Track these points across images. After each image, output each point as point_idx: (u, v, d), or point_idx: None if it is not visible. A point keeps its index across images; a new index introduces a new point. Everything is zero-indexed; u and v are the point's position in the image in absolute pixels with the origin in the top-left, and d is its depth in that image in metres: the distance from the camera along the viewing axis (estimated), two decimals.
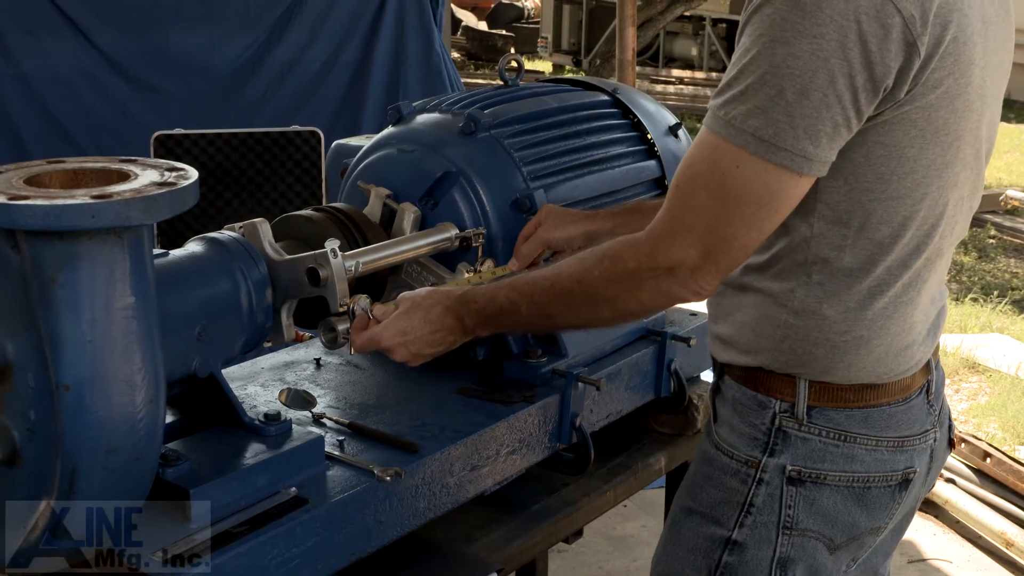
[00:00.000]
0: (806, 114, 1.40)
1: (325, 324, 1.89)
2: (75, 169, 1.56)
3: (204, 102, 5.34)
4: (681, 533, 1.75)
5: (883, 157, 1.49)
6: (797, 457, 1.63)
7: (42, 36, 5.06)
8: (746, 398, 1.68)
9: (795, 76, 1.38)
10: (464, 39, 16.19)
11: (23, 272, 1.42)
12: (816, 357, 1.62)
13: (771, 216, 1.48)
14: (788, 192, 1.46)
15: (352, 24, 5.73)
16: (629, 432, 2.47)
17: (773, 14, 1.41)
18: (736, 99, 1.43)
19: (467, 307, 1.81)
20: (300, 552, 1.66)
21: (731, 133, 1.43)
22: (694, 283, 1.52)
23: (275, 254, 1.87)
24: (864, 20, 1.38)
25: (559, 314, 1.72)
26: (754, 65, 1.41)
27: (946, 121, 1.49)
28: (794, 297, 1.60)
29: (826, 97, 1.39)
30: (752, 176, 1.43)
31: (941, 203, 1.56)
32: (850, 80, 1.39)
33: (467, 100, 2.30)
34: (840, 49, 1.38)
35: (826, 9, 1.37)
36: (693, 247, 1.49)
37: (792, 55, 1.38)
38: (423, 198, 2.11)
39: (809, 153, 1.42)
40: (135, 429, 1.49)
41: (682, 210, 1.50)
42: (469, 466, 1.97)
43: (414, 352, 1.86)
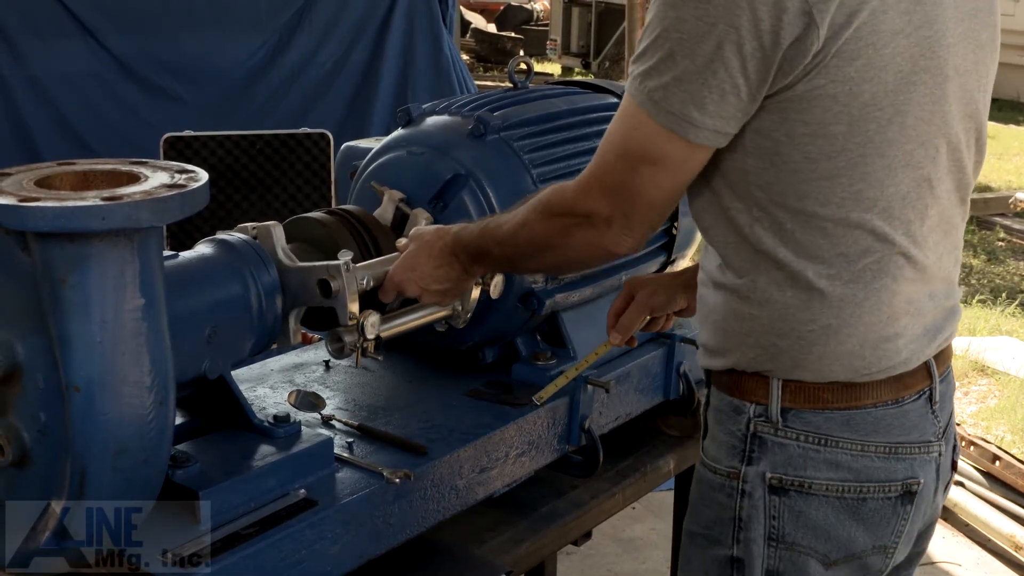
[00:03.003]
0: (692, 79, 1.42)
1: (332, 335, 1.89)
2: (85, 171, 1.57)
3: (214, 104, 5.35)
4: (691, 561, 1.71)
5: (807, 136, 1.46)
6: (776, 464, 1.57)
7: (52, 38, 5.07)
8: (724, 405, 1.64)
9: (683, 40, 1.41)
10: (473, 41, 16.19)
11: (33, 274, 1.42)
12: (783, 350, 1.56)
13: (669, 177, 1.51)
14: (680, 157, 1.48)
15: (361, 26, 5.74)
16: (638, 434, 2.46)
17: None
18: (638, 60, 1.48)
19: (460, 244, 1.86)
20: (309, 554, 1.67)
21: (634, 91, 1.48)
22: (612, 235, 1.57)
23: (287, 260, 1.87)
24: None
25: (517, 257, 1.78)
26: (650, 27, 1.45)
27: (875, 95, 1.44)
28: (754, 288, 1.56)
29: (712, 63, 1.40)
30: (647, 137, 1.48)
31: (891, 183, 1.50)
32: (738, 47, 1.39)
33: (476, 102, 2.30)
34: (727, 15, 1.38)
35: None
36: (604, 199, 1.56)
37: (680, 19, 1.41)
38: (433, 200, 2.11)
39: (695, 120, 1.44)
40: (145, 430, 1.49)
41: (597, 164, 1.57)
42: (478, 468, 1.97)
43: (422, 287, 1.89)
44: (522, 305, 2.16)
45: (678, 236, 2.49)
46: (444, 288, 1.90)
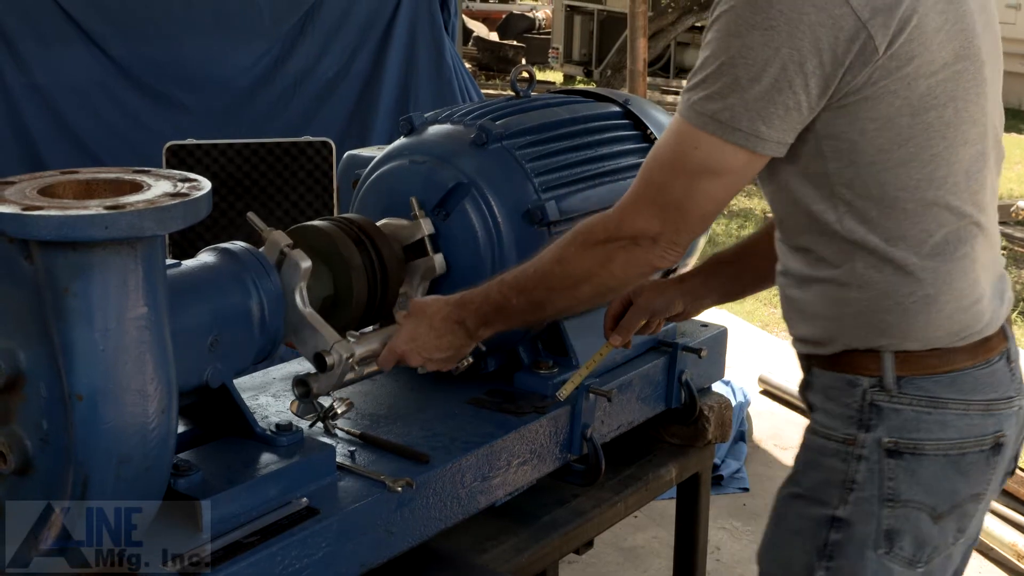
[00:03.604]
0: (759, 98, 1.53)
1: (299, 380, 1.92)
2: (88, 180, 1.57)
3: (217, 112, 5.36)
4: (786, 518, 1.81)
5: (877, 130, 1.58)
6: (892, 429, 1.67)
7: (56, 46, 5.08)
8: (835, 381, 1.73)
9: (748, 65, 1.52)
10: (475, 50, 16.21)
11: (36, 282, 1.42)
12: (891, 324, 1.67)
13: (727, 189, 1.63)
14: (743, 169, 1.60)
15: (364, 35, 5.75)
16: (640, 443, 2.47)
17: (730, 12, 1.54)
18: (697, 87, 1.58)
19: (466, 309, 1.89)
20: (311, 562, 1.67)
21: (692, 116, 1.58)
22: (658, 250, 1.67)
23: (303, 306, 1.89)
24: (812, 12, 1.50)
25: (546, 299, 1.82)
26: (713, 57, 1.56)
27: (930, 87, 1.57)
28: (853, 273, 1.66)
29: (777, 82, 1.53)
30: (709, 154, 1.58)
31: (955, 160, 1.63)
32: (800, 67, 1.52)
33: (478, 111, 2.30)
34: (789, 39, 1.51)
35: (776, 4, 1.50)
36: (655, 216, 1.65)
37: (746, 46, 1.52)
38: (435, 209, 2.12)
39: (763, 133, 1.56)
40: (147, 439, 1.50)
41: (646, 185, 1.67)
42: (480, 477, 1.97)
43: (425, 357, 1.93)
44: None
45: None
46: (447, 356, 1.94)
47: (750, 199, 9.90)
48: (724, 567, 3.96)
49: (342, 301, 2.01)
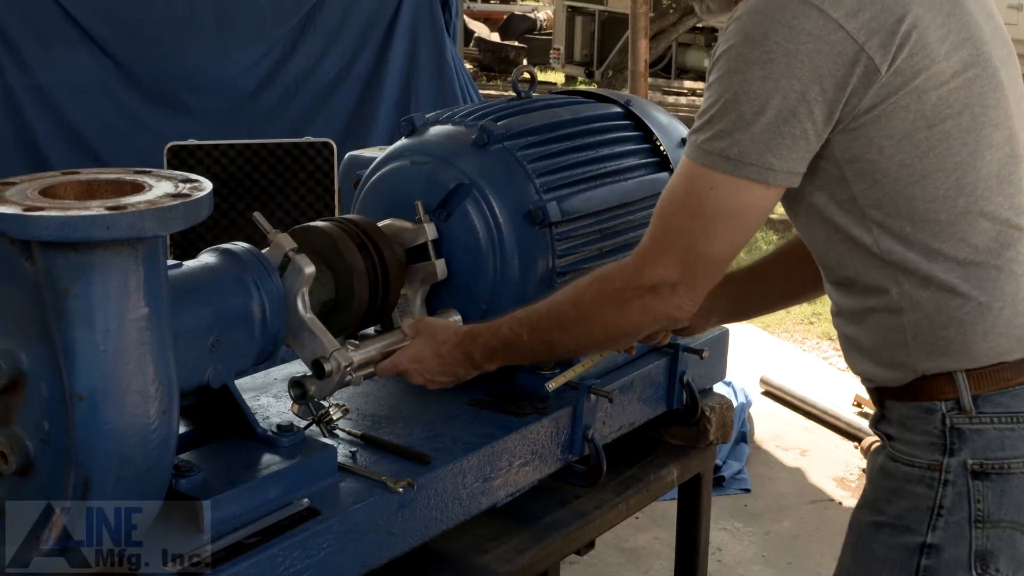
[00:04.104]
0: (765, 131, 1.54)
1: (294, 381, 1.92)
2: (89, 180, 1.57)
3: (218, 113, 5.36)
4: (872, 548, 1.76)
5: (895, 146, 1.58)
6: (977, 450, 1.64)
7: (58, 47, 5.08)
8: (912, 411, 1.69)
9: (751, 100, 1.53)
10: (476, 50, 16.21)
11: (37, 283, 1.42)
12: (952, 340, 1.64)
13: (745, 230, 1.62)
14: (759, 205, 1.59)
15: (365, 35, 5.74)
16: (641, 444, 2.47)
17: (728, 51, 1.56)
18: (703, 127, 1.58)
19: (474, 342, 1.88)
20: (312, 563, 1.67)
21: (701, 156, 1.58)
22: (676, 299, 1.65)
23: (304, 312, 1.89)
24: (809, 41, 1.51)
25: (558, 339, 1.81)
26: (716, 97, 1.57)
27: (941, 97, 1.57)
28: (901, 295, 1.64)
29: (781, 113, 1.53)
30: (724, 194, 1.57)
31: (983, 166, 1.61)
32: (802, 96, 1.53)
33: (480, 112, 2.30)
34: (788, 70, 1.51)
35: (772, 37, 1.52)
36: (674, 265, 1.63)
37: (746, 82, 1.53)
38: (436, 210, 2.12)
39: (773, 165, 1.55)
40: (148, 439, 1.50)
41: (663, 231, 1.65)
42: (481, 478, 1.97)
43: (428, 379, 1.94)
44: None
45: None
46: (449, 381, 1.95)
47: None
48: (725, 568, 3.96)
49: (343, 304, 2.01)
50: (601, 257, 2.28)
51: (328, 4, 5.63)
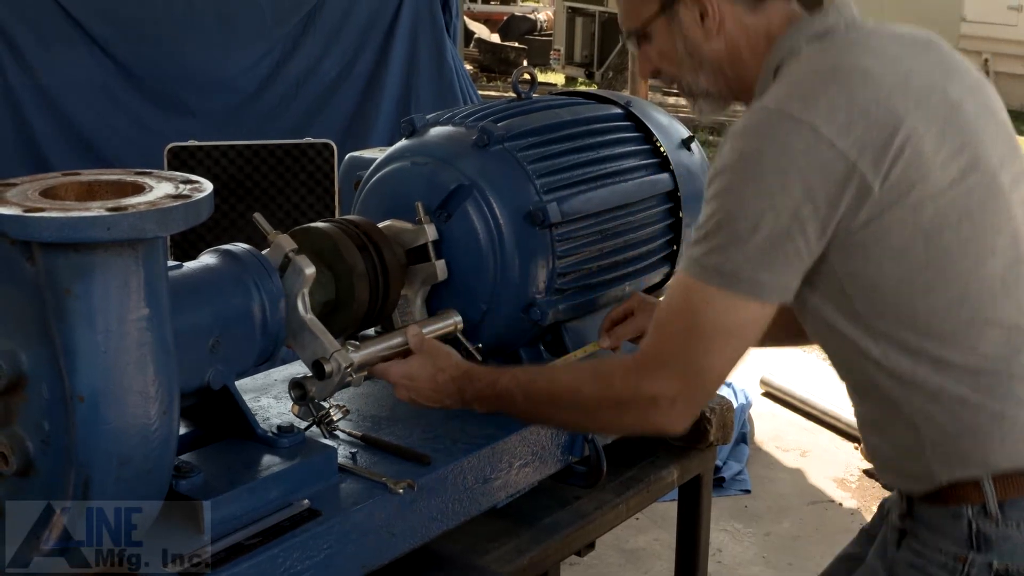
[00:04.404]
0: (759, 248, 1.54)
1: (294, 382, 1.92)
2: (90, 181, 1.57)
3: (218, 114, 5.36)
4: None
5: (894, 261, 1.57)
6: (1003, 555, 1.61)
7: (59, 48, 5.09)
8: (938, 515, 1.67)
9: (746, 218, 1.54)
10: (477, 51, 16.20)
11: (38, 284, 1.43)
12: (970, 451, 1.62)
13: (742, 345, 1.61)
14: (754, 321, 1.59)
15: (365, 36, 5.74)
16: (642, 445, 2.46)
17: (724, 169, 1.57)
18: (700, 242, 1.59)
19: (471, 383, 1.86)
20: (312, 564, 1.67)
21: (697, 271, 1.58)
22: (674, 413, 1.64)
23: (305, 313, 1.89)
24: (801, 159, 1.52)
25: (549, 415, 1.82)
26: (713, 214, 1.58)
27: (938, 208, 1.55)
28: (913, 412, 1.63)
29: (774, 231, 1.53)
30: (721, 310, 1.57)
31: (986, 275, 1.59)
32: (795, 214, 1.53)
33: (480, 113, 2.30)
34: (782, 189, 1.52)
35: (765, 155, 1.53)
36: (674, 379, 1.62)
37: (741, 199, 1.54)
38: (437, 211, 2.12)
39: (766, 281, 1.56)
40: (149, 440, 1.50)
41: (663, 344, 1.64)
42: (482, 478, 1.97)
43: (413, 397, 1.91)
44: (525, 315, 2.16)
45: (681, 248, 2.49)
46: (434, 406, 1.92)
47: None
48: (726, 569, 3.96)
49: (343, 305, 2.01)
50: (602, 258, 2.28)
51: (328, 5, 5.64)
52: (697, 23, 1.73)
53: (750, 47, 1.72)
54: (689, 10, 1.72)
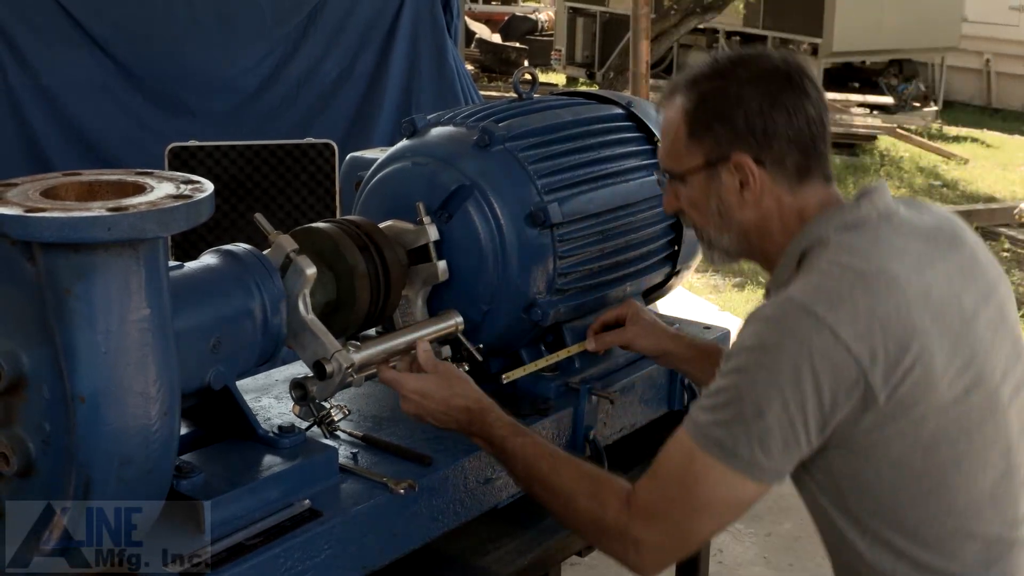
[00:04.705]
0: (761, 431, 1.57)
1: (295, 383, 1.92)
2: (91, 182, 1.57)
3: (219, 114, 5.35)
4: None
5: (890, 470, 1.61)
6: None
7: (61, 49, 5.08)
8: None
9: (753, 401, 1.57)
10: (478, 52, 16.20)
11: (39, 284, 1.43)
12: None
13: (730, 516, 1.68)
14: (745, 496, 1.63)
15: (366, 36, 5.74)
16: (643, 445, 2.46)
17: (743, 351, 1.61)
18: (707, 410, 1.62)
19: (484, 422, 1.86)
20: (313, 564, 1.67)
21: (700, 439, 1.61)
22: (649, 559, 1.69)
23: (306, 313, 1.89)
24: (816, 359, 1.54)
25: (538, 496, 1.81)
26: (724, 389, 1.61)
27: (939, 424, 1.59)
28: None
29: (779, 419, 1.57)
30: (717, 481, 1.61)
31: (975, 488, 1.63)
32: (800, 407, 1.56)
33: (481, 113, 2.30)
34: (793, 382, 1.55)
35: (785, 349, 1.56)
36: (661, 534, 1.67)
37: (752, 383, 1.58)
38: (438, 211, 2.11)
39: (761, 463, 1.59)
40: (150, 441, 1.50)
41: (659, 499, 1.67)
42: (483, 479, 1.97)
43: (418, 413, 1.89)
44: (526, 316, 2.16)
45: (682, 248, 2.49)
46: (438, 425, 1.90)
47: None
48: (726, 569, 3.96)
49: (344, 305, 2.00)
50: (603, 258, 2.28)
51: (329, 5, 5.63)
52: (736, 189, 1.73)
53: (782, 224, 1.74)
54: (731, 175, 1.73)
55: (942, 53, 14.51)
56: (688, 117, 1.75)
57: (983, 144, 13.01)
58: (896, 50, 14.17)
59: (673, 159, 1.80)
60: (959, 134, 13.46)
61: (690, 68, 1.80)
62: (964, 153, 12.20)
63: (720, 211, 1.76)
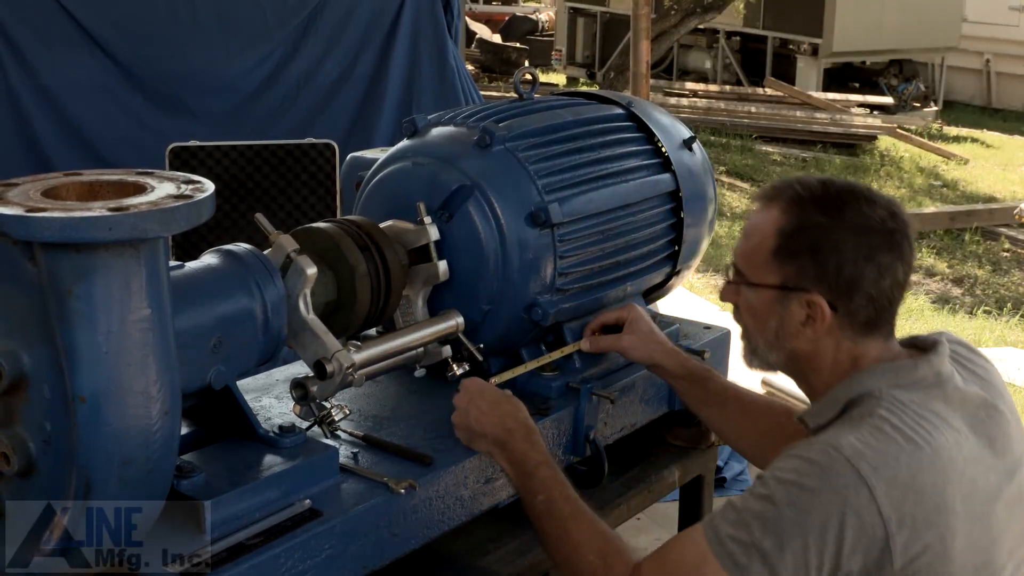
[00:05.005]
0: (774, 563, 1.56)
1: (296, 383, 1.92)
2: (92, 181, 1.57)
3: (220, 114, 5.36)
4: None
5: None
6: None
7: (61, 49, 5.08)
8: None
9: (776, 535, 1.56)
10: (478, 52, 16.20)
11: (40, 284, 1.43)
12: None
13: None
14: None
15: (367, 37, 5.74)
16: (643, 445, 2.46)
17: (780, 480, 1.59)
18: (731, 524, 1.61)
19: (527, 439, 1.88)
20: (314, 564, 1.67)
21: (716, 546, 1.60)
22: None
23: (306, 313, 1.89)
24: (848, 514, 1.54)
25: (546, 532, 1.81)
26: (753, 506, 1.60)
27: None
28: None
29: (795, 558, 1.56)
30: None
31: None
32: (819, 553, 1.55)
33: (482, 113, 2.30)
34: (819, 530, 1.55)
35: (821, 497, 1.55)
36: None
37: (779, 518, 1.57)
38: (438, 211, 2.12)
39: None
40: (150, 441, 1.50)
41: None
42: (483, 479, 1.97)
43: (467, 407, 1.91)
44: (527, 316, 2.16)
45: (682, 248, 2.49)
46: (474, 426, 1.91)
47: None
48: None
49: (345, 305, 2.01)
50: (603, 258, 2.28)
51: (330, 5, 5.63)
52: (800, 321, 1.72)
53: (834, 365, 1.73)
54: (801, 308, 1.71)
55: (942, 53, 14.53)
56: (780, 236, 1.72)
57: (983, 144, 13.02)
58: (896, 50, 14.18)
59: (749, 265, 1.77)
60: (959, 134, 13.47)
61: (800, 181, 1.75)
62: (964, 153, 12.20)
63: (777, 331, 1.75)
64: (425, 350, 2.10)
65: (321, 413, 1.93)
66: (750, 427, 2.09)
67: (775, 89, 12.95)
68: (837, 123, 12.04)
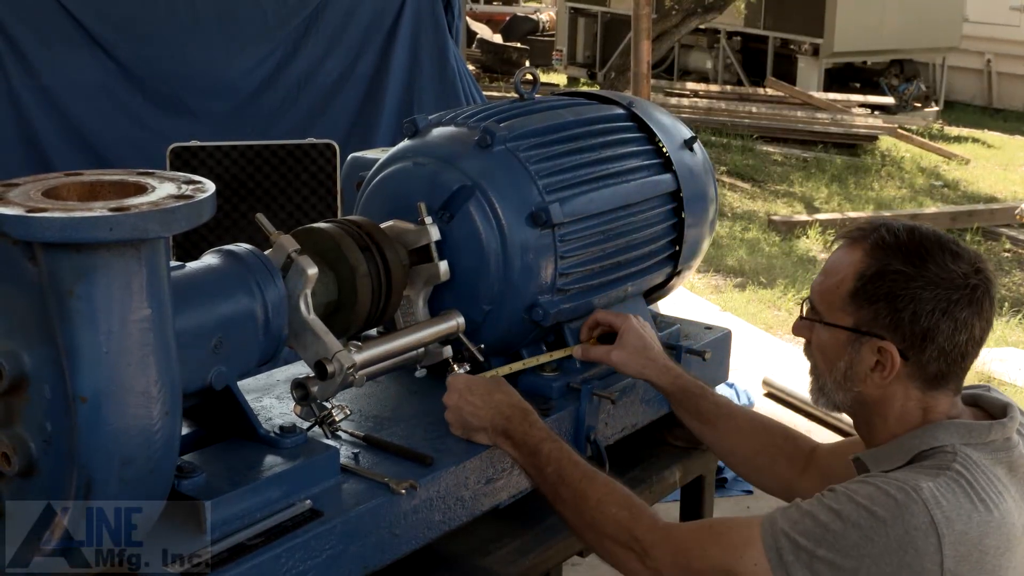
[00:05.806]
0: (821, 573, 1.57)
1: (297, 383, 1.92)
2: (93, 182, 1.57)
3: (220, 114, 5.36)
4: None
5: None
6: None
7: (61, 50, 5.08)
8: None
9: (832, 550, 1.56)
10: (479, 52, 16.21)
11: (40, 284, 1.43)
12: None
13: None
14: None
15: (368, 37, 5.75)
16: (644, 445, 2.46)
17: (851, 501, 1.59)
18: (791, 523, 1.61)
19: (525, 421, 1.91)
20: (314, 565, 1.67)
21: (767, 537, 1.62)
22: None
23: (307, 313, 1.89)
24: (910, 554, 1.54)
25: (563, 498, 1.83)
26: (818, 519, 1.59)
27: None
28: None
29: None
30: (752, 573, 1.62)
31: None
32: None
33: (483, 113, 2.30)
34: (875, 559, 1.54)
35: (890, 530, 1.55)
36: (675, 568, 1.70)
37: (842, 536, 1.56)
38: (439, 211, 2.11)
39: None
40: (151, 441, 1.50)
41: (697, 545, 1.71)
42: (484, 479, 1.97)
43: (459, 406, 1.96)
44: (527, 316, 2.16)
45: (683, 248, 2.49)
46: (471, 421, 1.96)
47: (754, 201, 9.89)
48: None
49: (345, 305, 2.01)
50: (604, 258, 2.28)
51: (331, 5, 5.64)
52: (870, 365, 1.72)
53: (901, 415, 1.73)
54: (872, 353, 1.72)
55: (943, 53, 14.53)
56: (860, 280, 1.72)
57: (984, 144, 13.03)
58: (897, 50, 14.19)
59: (825, 303, 1.78)
60: (960, 134, 13.48)
61: (888, 226, 1.74)
62: (965, 153, 12.21)
63: (846, 373, 1.75)
64: (426, 350, 2.10)
65: (322, 413, 1.93)
66: (742, 445, 2.10)
67: (776, 89, 12.96)
68: (838, 123, 12.05)
